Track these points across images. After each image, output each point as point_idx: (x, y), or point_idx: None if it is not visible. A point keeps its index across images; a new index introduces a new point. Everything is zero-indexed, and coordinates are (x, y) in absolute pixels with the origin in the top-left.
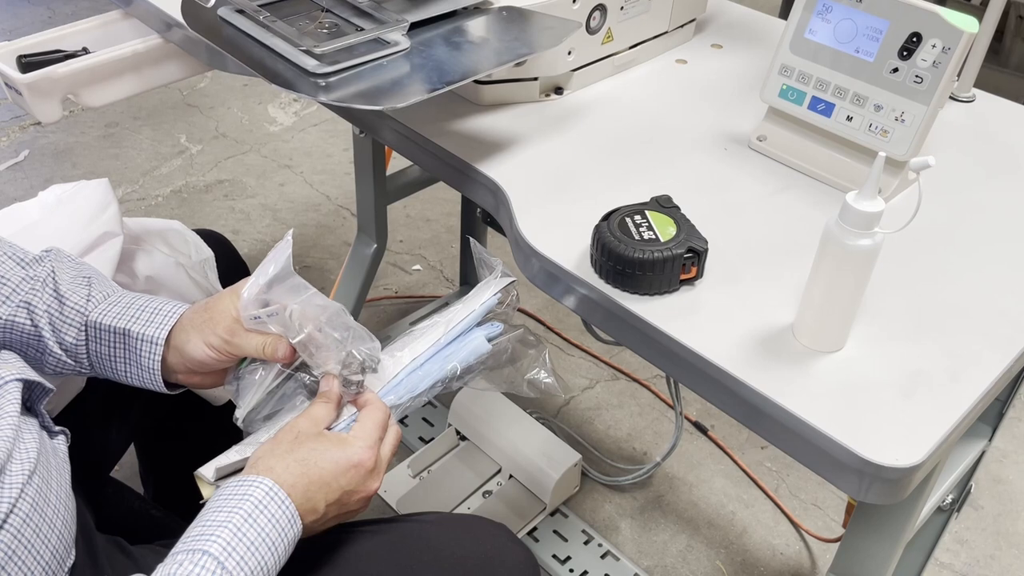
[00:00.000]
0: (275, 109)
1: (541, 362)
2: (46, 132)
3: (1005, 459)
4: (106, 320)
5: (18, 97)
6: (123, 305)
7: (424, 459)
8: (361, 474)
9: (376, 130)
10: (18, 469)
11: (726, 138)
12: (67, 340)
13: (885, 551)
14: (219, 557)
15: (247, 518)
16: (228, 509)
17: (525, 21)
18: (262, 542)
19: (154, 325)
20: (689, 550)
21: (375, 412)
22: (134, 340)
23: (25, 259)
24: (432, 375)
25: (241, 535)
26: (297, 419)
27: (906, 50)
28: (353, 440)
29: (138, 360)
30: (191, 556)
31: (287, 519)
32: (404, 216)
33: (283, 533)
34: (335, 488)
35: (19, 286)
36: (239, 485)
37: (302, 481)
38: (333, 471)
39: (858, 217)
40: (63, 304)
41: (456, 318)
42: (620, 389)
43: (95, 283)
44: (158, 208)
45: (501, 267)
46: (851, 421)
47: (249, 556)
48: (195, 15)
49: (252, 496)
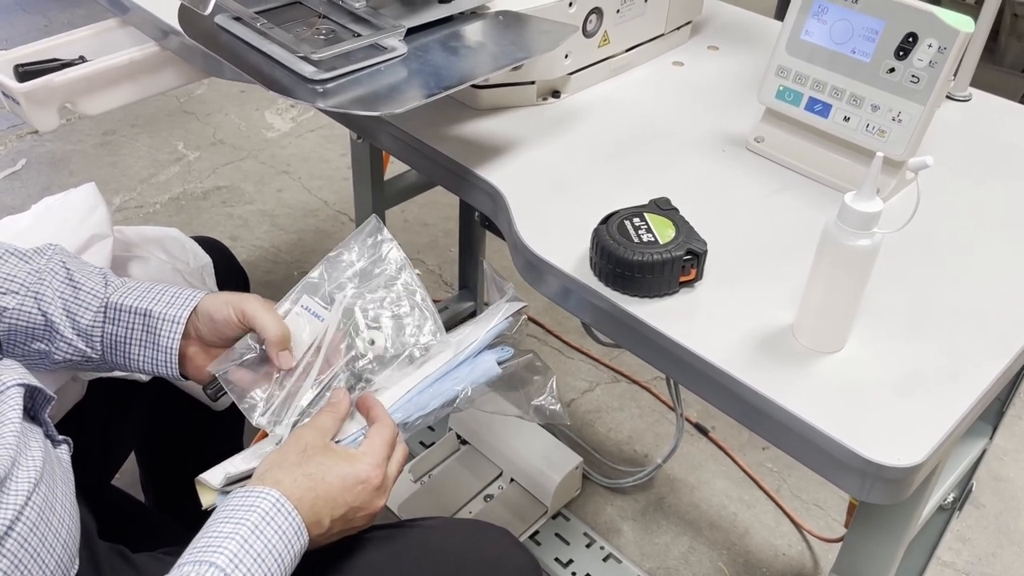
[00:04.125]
0: (272, 115)
1: (548, 389)
2: (43, 141)
3: (1006, 457)
4: (127, 301)
5: (15, 106)
6: (143, 288)
7: (425, 463)
8: (368, 491)
9: (374, 135)
10: (24, 477)
11: (724, 140)
12: (83, 323)
13: (887, 550)
14: (226, 569)
15: (254, 530)
16: (235, 520)
17: (521, 25)
18: (268, 554)
19: (175, 307)
20: (691, 552)
21: (384, 429)
22: (155, 320)
23: (26, 254)
24: (441, 395)
25: (248, 547)
26: (303, 429)
27: (902, 50)
28: (361, 456)
29: (156, 340)
30: (198, 568)
31: (294, 531)
32: (402, 221)
33: (289, 546)
34: (341, 504)
35: (25, 280)
36: (246, 496)
37: (309, 495)
38: (340, 487)
39: (856, 217)
40: (78, 289)
41: (467, 340)
42: (620, 391)
43: (108, 274)
44: (156, 215)
45: (512, 291)
46: (852, 421)
47: (256, 568)
48: (192, 23)
49: (259, 508)
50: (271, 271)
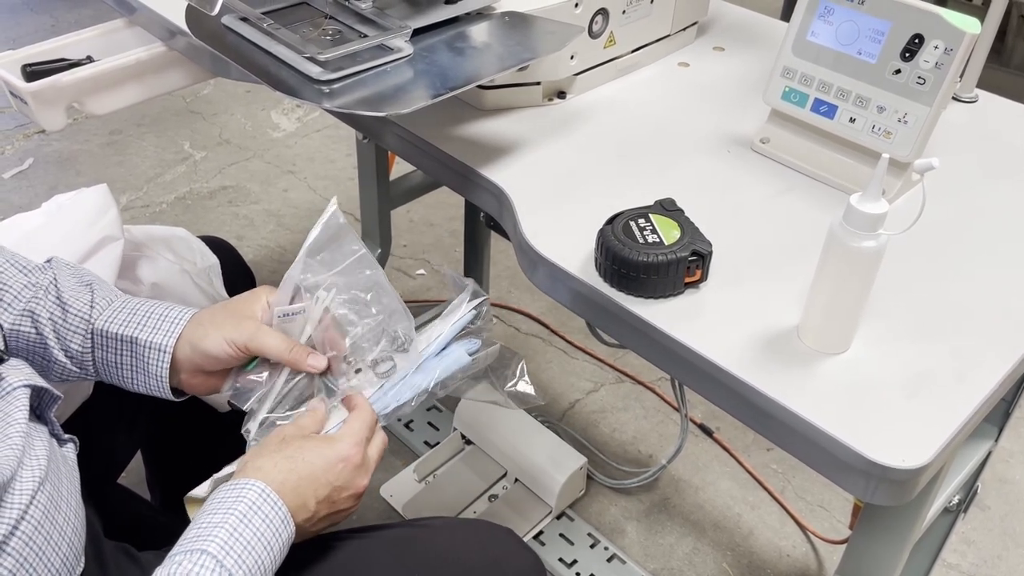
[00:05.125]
0: (278, 115)
1: (520, 372)
2: (50, 140)
3: (1011, 459)
4: (112, 328)
5: (23, 106)
6: (128, 311)
7: (430, 463)
8: (349, 469)
9: (380, 136)
10: (29, 476)
11: (729, 141)
12: (72, 348)
13: (892, 552)
14: (217, 556)
15: (242, 519)
16: (223, 511)
17: (527, 26)
18: (258, 541)
19: (161, 332)
20: (695, 552)
21: (363, 414)
22: (142, 348)
23: (28, 267)
24: (416, 386)
25: (237, 535)
26: (282, 428)
27: (908, 51)
28: (340, 437)
29: (145, 368)
30: (190, 556)
31: (280, 519)
32: (407, 221)
33: (277, 533)
34: (324, 483)
35: (21, 292)
36: (232, 489)
37: (292, 478)
38: (322, 467)
39: (862, 218)
40: (66, 311)
41: (434, 334)
42: (625, 392)
43: (97, 289)
44: (162, 215)
45: (473, 285)
46: (857, 422)
47: (246, 555)
48: (199, 23)
49: (246, 498)
50: (277, 270)
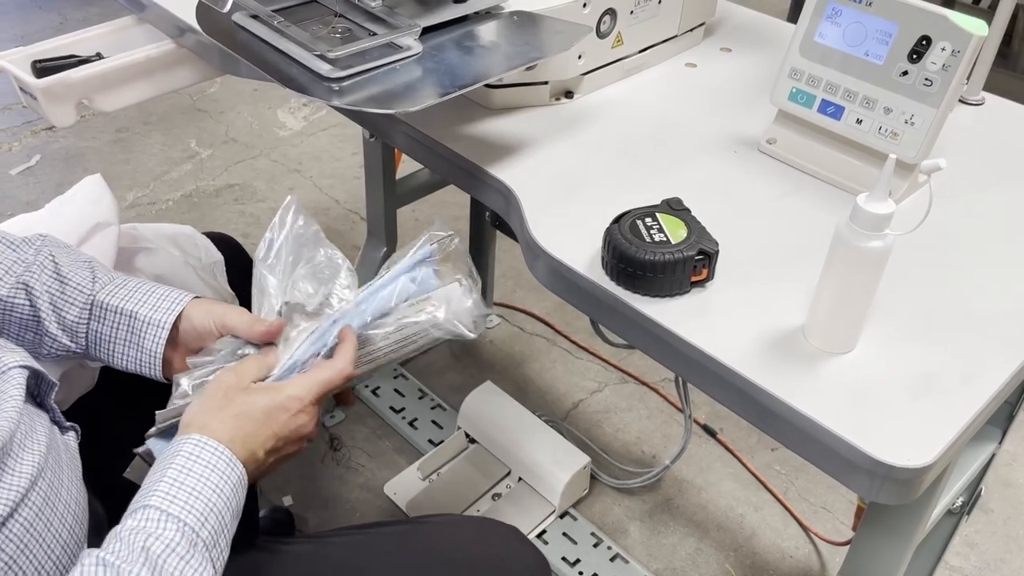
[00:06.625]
0: (285, 114)
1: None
2: (57, 137)
3: (1015, 462)
4: (114, 301)
5: (33, 102)
6: (130, 288)
7: (434, 462)
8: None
9: (387, 134)
10: (29, 459)
11: (736, 141)
12: (68, 318)
13: (895, 554)
14: (160, 507)
15: (181, 469)
16: (162, 468)
17: (536, 25)
18: (204, 486)
19: (161, 310)
20: (698, 553)
21: (325, 371)
22: (140, 323)
23: (15, 242)
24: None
25: (179, 484)
26: (222, 374)
27: (916, 53)
28: (282, 387)
29: (140, 342)
30: (134, 514)
31: (224, 462)
32: (413, 220)
33: (224, 476)
34: (270, 436)
35: (11, 267)
36: (170, 446)
37: (240, 435)
38: (265, 420)
39: (869, 219)
40: (65, 284)
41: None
42: (629, 392)
43: (97, 267)
44: (168, 212)
45: (439, 224)
46: (862, 422)
47: (194, 500)
48: (209, 20)
49: (183, 451)
50: None
